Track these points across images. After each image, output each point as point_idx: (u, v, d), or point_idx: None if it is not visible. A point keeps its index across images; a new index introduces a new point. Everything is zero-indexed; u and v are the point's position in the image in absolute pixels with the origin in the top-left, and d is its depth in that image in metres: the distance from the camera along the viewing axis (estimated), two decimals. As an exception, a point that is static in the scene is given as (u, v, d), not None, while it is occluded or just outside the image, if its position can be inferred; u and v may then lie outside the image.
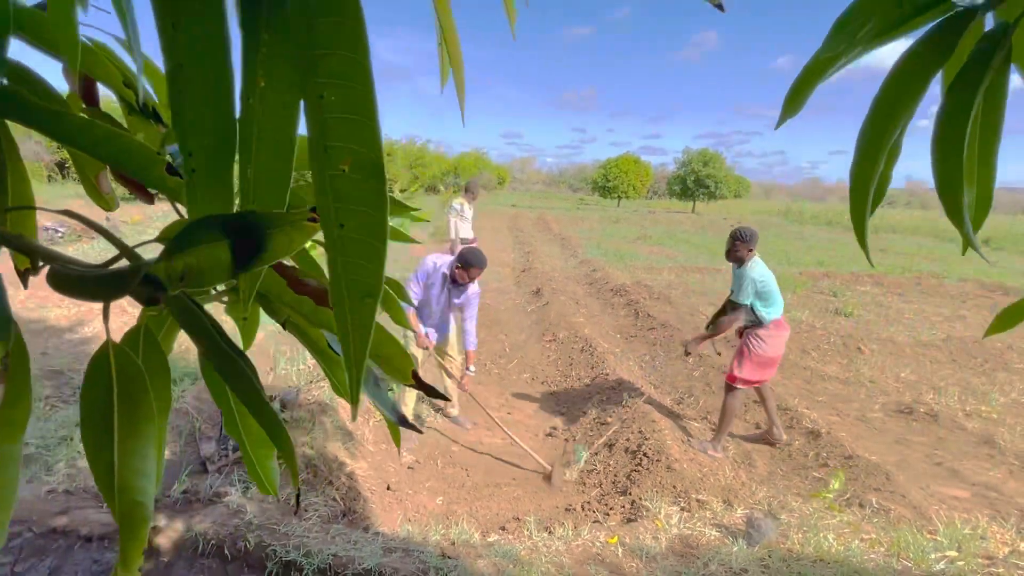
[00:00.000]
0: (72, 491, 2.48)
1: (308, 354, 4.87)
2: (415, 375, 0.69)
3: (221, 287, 0.65)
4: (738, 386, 3.74)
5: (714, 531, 2.70)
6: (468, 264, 3.80)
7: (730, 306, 3.81)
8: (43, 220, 10.43)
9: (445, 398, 0.68)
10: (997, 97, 0.50)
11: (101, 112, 0.65)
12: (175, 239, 0.42)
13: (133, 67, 0.66)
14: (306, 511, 2.56)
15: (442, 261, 3.94)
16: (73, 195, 17.26)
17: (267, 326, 5.24)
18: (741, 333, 3.86)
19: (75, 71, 0.61)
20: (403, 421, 0.68)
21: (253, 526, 2.26)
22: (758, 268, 3.61)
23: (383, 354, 0.66)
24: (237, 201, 0.49)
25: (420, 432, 0.94)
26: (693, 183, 35.34)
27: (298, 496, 0.96)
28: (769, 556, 2.42)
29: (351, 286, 0.41)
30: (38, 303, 5.94)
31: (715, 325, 3.89)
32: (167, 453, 3.08)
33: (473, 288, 3.97)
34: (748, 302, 3.62)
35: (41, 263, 0.49)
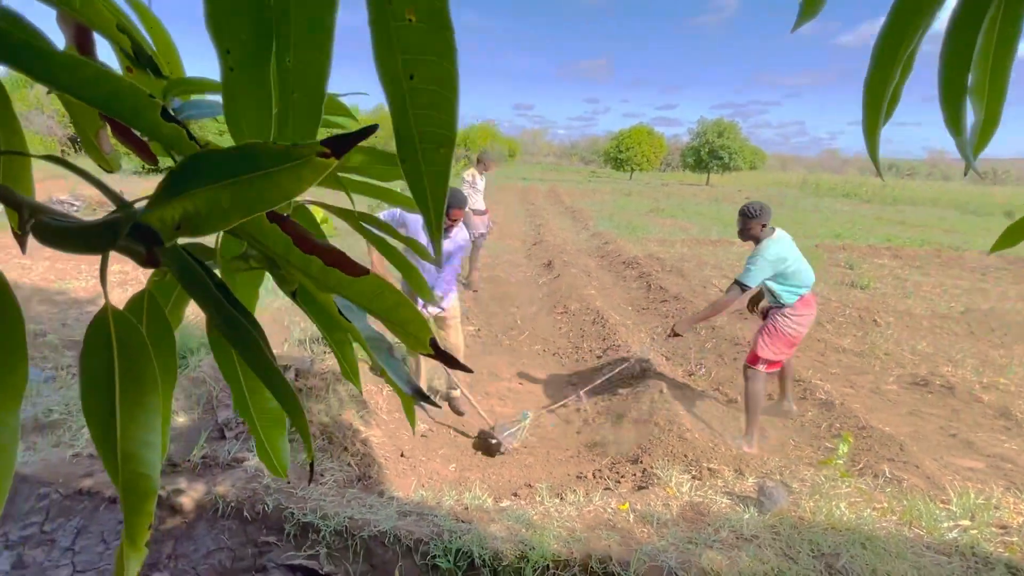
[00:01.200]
0: (96, 455, 2.55)
1: (321, 325, 4.94)
2: (434, 343, 0.63)
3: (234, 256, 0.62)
4: (760, 368, 3.49)
5: (725, 499, 2.71)
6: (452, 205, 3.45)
7: (733, 285, 3.47)
8: (58, 194, 10.53)
9: (467, 369, 0.60)
10: (1017, 8, 0.45)
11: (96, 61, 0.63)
12: (168, 180, 0.39)
13: (128, 10, 0.64)
14: (322, 476, 2.61)
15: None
16: (89, 169, 17.36)
17: (281, 295, 5.29)
18: (766, 313, 3.63)
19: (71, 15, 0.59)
20: (419, 393, 0.63)
21: (271, 490, 2.31)
22: (773, 247, 3.35)
23: (397, 319, 0.61)
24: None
25: (437, 407, 0.91)
26: (707, 154, 34.68)
27: (311, 467, 0.96)
28: (780, 523, 2.43)
29: (424, 137, 0.41)
30: (57, 276, 6.05)
31: (712, 307, 3.64)
32: (185, 420, 3.15)
33: (462, 234, 3.63)
34: (754, 284, 3.36)
35: (31, 219, 0.46)
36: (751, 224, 3.43)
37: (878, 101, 0.48)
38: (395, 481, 2.95)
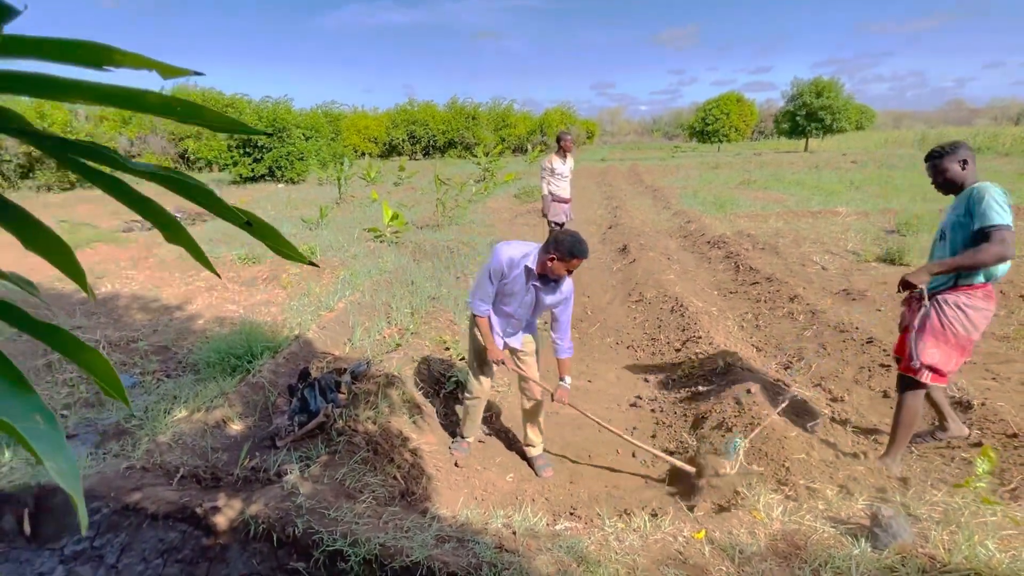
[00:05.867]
0: (148, 467, 2.56)
1: (384, 324, 4.85)
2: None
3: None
4: (924, 380, 2.63)
5: (827, 527, 2.23)
6: (567, 253, 2.67)
7: (972, 240, 2.49)
8: (167, 205, 11.48)
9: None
10: None
11: None
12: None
13: None
14: (361, 492, 2.45)
15: (521, 252, 2.82)
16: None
17: (346, 295, 5.30)
18: (920, 299, 2.67)
19: None
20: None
21: (303, 510, 2.17)
22: (995, 187, 2.45)
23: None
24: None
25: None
26: (804, 118, 31.64)
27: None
28: (903, 565, 1.93)
29: None
30: (154, 284, 6.50)
31: (972, 254, 2.46)
32: (240, 427, 3.13)
33: (568, 285, 2.93)
34: (1005, 221, 2.37)
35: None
36: (945, 164, 2.58)
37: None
38: (444, 495, 2.75)
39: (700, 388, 3.83)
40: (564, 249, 2.67)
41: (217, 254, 7.28)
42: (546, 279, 2.84)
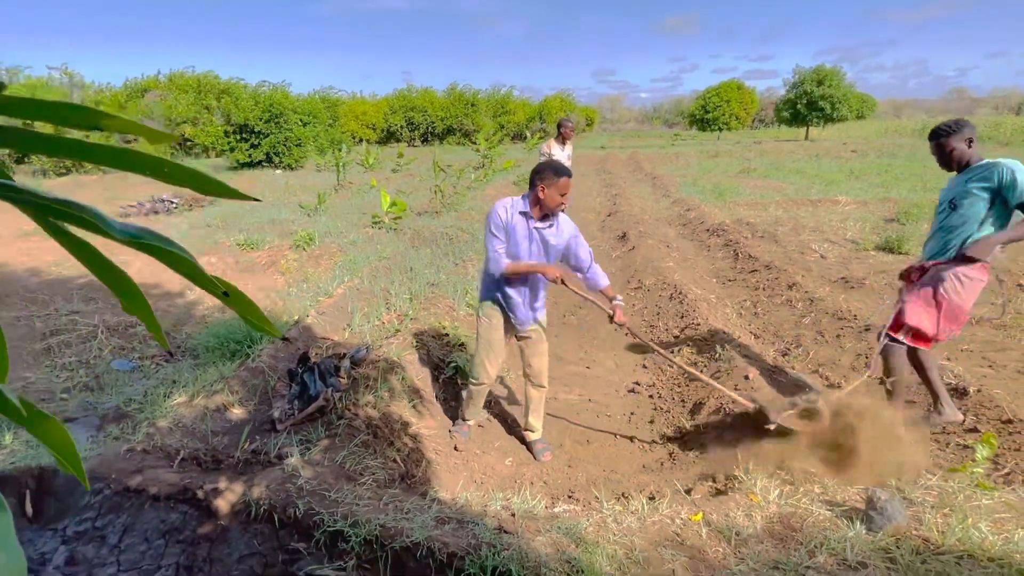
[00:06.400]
0: (149, 450, 2.57)
1: (383, 310, 4.85)
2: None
3: None
4: (905, 340, 2.82)
5: (823, 510, 2.26)
6: (552, 173, 2.69)
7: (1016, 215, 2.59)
8: (163, 191, 11.40)
9: None
10: None
11: None
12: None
13: None
14: (361, 475, 2.46)
15: (511, 202, 2.85)
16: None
17: (345, 281, 5.30)
18: (920, 272, 2.82)
19: None
20: None
21: (304, 491, 2.19)
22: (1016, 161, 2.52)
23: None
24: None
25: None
26: (805, 106, 31.45)
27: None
28: (897, 547, 1.96)
29: None
30: (151, 271, 6.48)
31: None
32: (240, 412, 3.14)
33: (567, 222, 2.96)
34: None
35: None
36: (952, 143, 2.62)
37: None
38: (443, 479, 2.77)
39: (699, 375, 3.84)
40: (548, 172, 2.70)
41: (215, 240, 7.26)
42: (544, 218, 2.85)
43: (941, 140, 2.68)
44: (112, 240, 0.51)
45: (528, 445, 3.31)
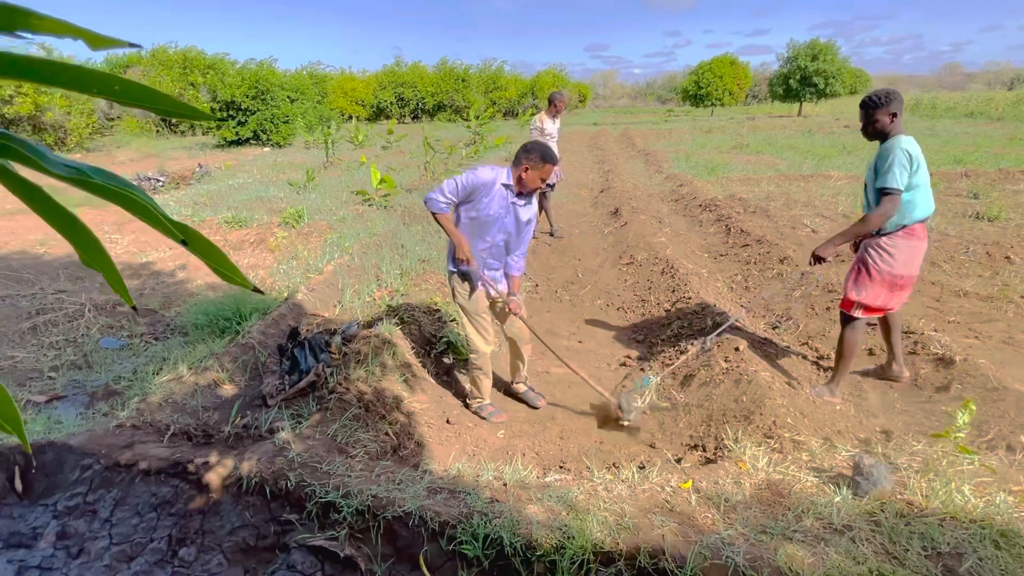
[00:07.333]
0: (139, 426, 2.55)
1: (374, 286, 4.82)
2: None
3: None
4: (856, 315, 2.96)
5: (811, 476, 2.29)
6: (540, 159, 2.75)
7: (873, 198, 2.81)
8: (148, 169, 11.21)
9: None
10: None
11: None
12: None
13: None
14: (353, 448, 2.47)
15: (494, 173, 2.86)
16: (178, 147, 18.49)
17: (335, 258, 5.25)
18: (857, 244, 3.08)
19: None
20: None
21: (295, 464, 2.19)
22: (906, 141, 2.70)
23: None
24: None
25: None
26: (798, 82, 31.20)
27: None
28: (882, 510, 1.99)
29: None
30: (139, 249, 6.39)
31: (863, 222, 2.83)
32: (231, 387, 3.13)
33: (534, 203, 3.05)
34: (903, 184, 2.67)
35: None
36: (877, 114, 2.72)
37: None
38: (435, 451, 2.78)
39: (689, 347, 3.86)
40: (536, 156, 2.76)
41: (202, 217, 7.16)
42: (521, 195, 2.93)
43: (869, 111, 2.76)
44: (53, 178, 0.46)
45: (520, 397, 3.47)
